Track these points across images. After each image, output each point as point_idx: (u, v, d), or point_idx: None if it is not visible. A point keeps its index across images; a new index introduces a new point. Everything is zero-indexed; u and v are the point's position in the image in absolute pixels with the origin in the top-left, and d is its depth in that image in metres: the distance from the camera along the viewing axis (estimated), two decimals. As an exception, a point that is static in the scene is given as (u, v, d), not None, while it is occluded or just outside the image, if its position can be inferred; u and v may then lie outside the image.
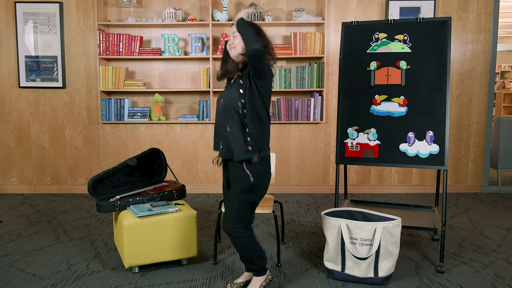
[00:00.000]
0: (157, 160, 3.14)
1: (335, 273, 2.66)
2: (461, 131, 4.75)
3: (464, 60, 4.67)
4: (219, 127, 2.37)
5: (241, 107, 2.27)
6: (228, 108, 2.30)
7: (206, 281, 2.68)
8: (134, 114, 4.59)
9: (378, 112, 2.98)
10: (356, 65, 3.03)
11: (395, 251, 2.56)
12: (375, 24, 3.04)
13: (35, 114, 4.72)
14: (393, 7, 4.56)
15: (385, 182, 4.83)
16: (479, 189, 4.84)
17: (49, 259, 3.00)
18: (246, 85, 2.28)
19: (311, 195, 4.70)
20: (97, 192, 2.88)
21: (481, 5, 4.60)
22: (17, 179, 4.81)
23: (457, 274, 2.77)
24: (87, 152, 4.77)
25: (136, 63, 4.73)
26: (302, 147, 4.77)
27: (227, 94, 2.35)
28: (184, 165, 4.79)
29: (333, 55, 4.62)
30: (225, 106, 2.33)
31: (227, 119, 2.30)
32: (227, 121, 2.30)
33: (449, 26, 2.85)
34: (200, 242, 3.31)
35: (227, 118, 2.31)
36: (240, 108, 2.27)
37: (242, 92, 2.28)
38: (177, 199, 3.04)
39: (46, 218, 3.91)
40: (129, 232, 2.68)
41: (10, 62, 4.65)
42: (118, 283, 2.66)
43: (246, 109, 2.26)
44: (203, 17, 4.63)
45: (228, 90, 2.38)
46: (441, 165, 2.83)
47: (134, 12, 4.66)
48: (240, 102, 2.27)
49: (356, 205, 3.29)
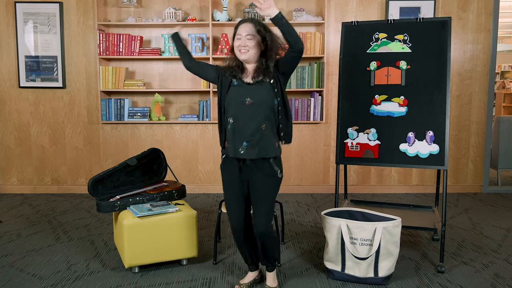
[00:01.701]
0: (157, 160, 3.14)
1: (335, 273, 2.66)
2: (461, 131, 4.75)
3: (464, 60, 4.67)
4: (243, 127, 2.29)
5: (277, 105, 2.34)
6: (261, 107, 2.29)
7: (206, 281, 2.68)
8: (134, 114, 4.59)
9: (378, 112, 2.98)
10: (356, 65, 3.03)
11: (395, 251, 2.56)
12: (375, 24, 3.04)
13: (35, 114, 4.72)
14: (393, 7, 4.56)
15: (385, 182, 4.83)
16: (479, 189, 4.84)
17: (49, 259, 3.01)
18: (276, 83, 2.34)
19: (311, 195, 4.70)
20: (97, 192, 2.88)
21: (481, 5, 4.60)
22: (17, 179, 4.81)
23: (457, 274, 2.77)
24: (87, 152, 4.77)
25: (136, 63, 4.73)
26: (302, 147, 4.77)
27: (253, 93, 2.30)
28: (184, 165, 4.79)
29: (333, 55, 4.62)
30: (257, 105, 2.29)
31: (261, 117, 2.29)
32: (261, 119, 2.29)
33: (449, 26, 2.85)
34: (200, 242, 3.31)
35: (260, 117, 2.29)
36: (276, 106, 2.33)
37: (277, 91, 2.33)
38: (177, 199, 3.04)
39: (46, 218, 3.91)
40: (129, 232, 2.68)
41: (10, 62, 4.65)
42: (118, 283, 2.66)
43: (280, 106, 2.35)
44: (203, 17, 4.63)
45: (250, 89, 2.32)
46: (441, 165, 2.83)
47: (134, 12, 4.66)
48: (276, 101, 2.33)
49: (356, 205, 3.29)
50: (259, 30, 2.35)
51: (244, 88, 2.34)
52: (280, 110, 2.36)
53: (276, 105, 2.34)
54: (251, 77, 2.37)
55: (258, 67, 2.36)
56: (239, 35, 2.34)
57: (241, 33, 2.33)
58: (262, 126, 2.30)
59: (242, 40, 2.32)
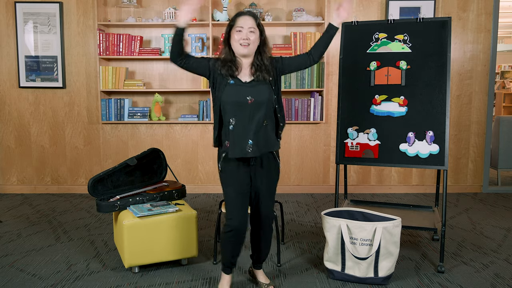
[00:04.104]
0: (157, 160, 3.14)
1: (335, 273, 2.66)
2: (461, 131, 4.75)
3: (464, 60, 4.67)
4: (247, 126, 2.27)
5: (276, 101, 2.37)
6: (262, 105, 2.29)
7: (206, 281, 2.68)
8: (134, 114, 4.59)
9: (378, 112, 2.98)
10: (356, 65, 3.03)
11: (395, 251, 2.56)
12: (375, 24, 3.04)
13: (35, 114, 4.72)
14: (393, 7, 4.56)
15: (385, 182, 4.83)
16: (479, 189, 4.84)
17: (49, 259, 3.00)
18: (274, 80, 2.36)
19: (311, 195, 4.70)
20: (97, 192, 2.88)
21: (481, 5, 4.60)
22: (17, 179, 4.81)
23: (457, 274, 2.77)
24: (87, 152, 4.77)
25: (136, 63, 4.73)
26: (302, 147, 4.77)
27: (254, 92, 2.28)
28: (184, 165, 4.79)
29: (333, 55, 4.62)
30: (259, 103, 2.28)
31: (262, 115, 2.29)
32: (263, 117, 2.30)
33: (449, 26, 2.85)
34: (200, 242, 3.30)
35: (262, 114, 2.29)
36: (275, 102, 2.36)
37: (274, 88, 2.36)
38: (177, 199, 3.04)
39: (46, 218, 3.91)
40: (129, 232, 2.68)
41: (10, 62, 4.65)
42: (118, 283, 2.66)
43: (277, 104, 2.38)
44: (203, 17, 4.63)
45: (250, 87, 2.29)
46: (441, 165, 2.83)
47: (134, 12, 4.66)
48: (274, 97, 2.35)
49: (356, 205, 3.29)
50: (258, 24, 2.31)
51: (243, 87, 2.29)
52: (277, 108, 2.38)
53: (274, 100, 2.36)
54: (248, 74, 2.33)
55: (254, 63, 2.33)
56: (240, 27, 2.25)
57: (243, 26, 2.25)
58: (265, 123, 2.31)
59: (244, 33, 2.25)
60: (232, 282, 2.57)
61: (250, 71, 2.33)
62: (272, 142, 2.37)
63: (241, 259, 2.97)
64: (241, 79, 2.32)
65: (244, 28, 2.25)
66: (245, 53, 2.28)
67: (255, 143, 2.27)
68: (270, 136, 2.35)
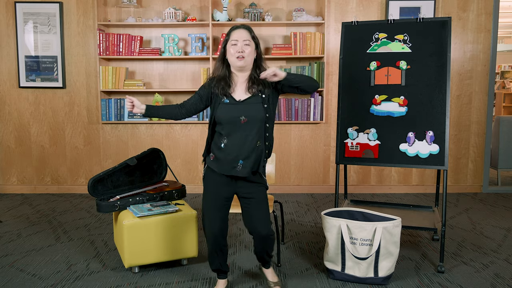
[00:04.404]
0: (157, 160, 3.14)
1: (335, 273, 2.66)
2: (461, 131, 4.75)
3: (464, 60, 4.67)
4: (240, 145, 2.25)
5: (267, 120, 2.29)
6: (255, 124, 2.25)
7: (206, 281, 2.68)
8: (134, 114, 4.59)
9: (378, 112, 2.98)
10: (356, 65, 3.03)
11: (395, 251, 2.56)
12: (375, 24, 3.04)
13: (35, 114, 4.72)
14: (393, 7, 4.56)
15: (385, 182, 4.83)
16: (479, 189, 4.84)
17: (49, 259, 3.01)
18: (268, 98, 2.30)
19: (311, 195, 4.70)
20: (97, 192, 2.88)
21: (481, 5, 4.60)
22: (17, 179, 4.81)
23: (457, 274, 2.77)
24: (87, 152, 4.77)
25: (136, 63, 4.73)
26: (302, 147, 4.77)
27: (247, 111, 2.24)
28: (184, 165, 4.79)
29: (333, 55, 4.62)
30: (252, 122, 2.24)
31: (255, 134, 2.26)
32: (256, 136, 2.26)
33: (449, 26, 2.85)
34: (200, 242, 3.30)
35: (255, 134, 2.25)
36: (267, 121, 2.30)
37: (267, 106, 2.29)
38: (177, 199, 3.05)
39: (46, 218, 3.91)
40: (129, 232, 2.68)
41: (10, 62, 4.65)
42: (118, 283, 2.66)
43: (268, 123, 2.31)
44: (203, 17, 4.63)
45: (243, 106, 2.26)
46: (441, 165, 2.83)
47: (134, 12, 4.66)
48: (267, 115, 2.29)
49: (356, 205, 3.29)
50: (253, 36, 2.31)
51: (236, 106, 2.27)
52: (267, 127, 2.31)
53: (266, 120, 2.29)
54: (244, 90, 2.30)
55: (252, 75, 2.30)
56: (235, 40, 2.25)
57: (237, 39, 2.25)
58: (258, 143, 2.28)
59: (239, 46, 2.25)
60: (229, 282, 2.58)
61: (246, 86, 2.31)
62: (261, 162, 2.31)
63: (241, 259, 2.98)
64: (235, 98, 2.29)
65: (239, 41, 2.25)
66: (241, 65, 2.27)
67: (246, 164, 2.26)
68: (260, 156, 2.30)
